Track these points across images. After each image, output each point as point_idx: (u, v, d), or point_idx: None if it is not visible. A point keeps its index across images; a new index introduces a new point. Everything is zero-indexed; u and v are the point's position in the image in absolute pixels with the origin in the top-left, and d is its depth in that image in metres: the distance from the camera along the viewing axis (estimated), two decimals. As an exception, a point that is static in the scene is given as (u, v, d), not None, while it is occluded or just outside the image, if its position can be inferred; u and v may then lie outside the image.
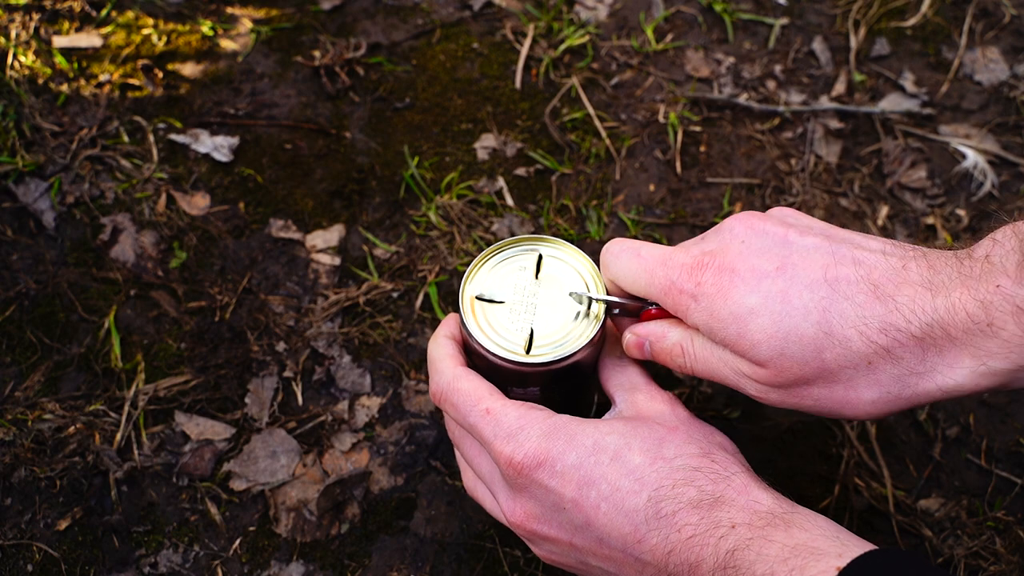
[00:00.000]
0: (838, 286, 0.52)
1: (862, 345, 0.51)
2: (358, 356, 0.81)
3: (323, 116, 0.94)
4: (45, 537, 0.72)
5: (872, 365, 0.51)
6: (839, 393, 0.53)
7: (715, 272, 0.55)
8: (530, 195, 0.90)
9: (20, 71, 0.94)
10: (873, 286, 0.51)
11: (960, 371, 0.50)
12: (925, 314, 0.50)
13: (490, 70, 0.97)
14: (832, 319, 0.51)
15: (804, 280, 0.53)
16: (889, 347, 0.50)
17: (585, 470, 0.53)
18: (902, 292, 0.51)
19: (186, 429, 0.77)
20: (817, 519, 0.51)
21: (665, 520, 0.51)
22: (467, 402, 0.58)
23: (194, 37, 0.99)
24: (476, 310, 0.61)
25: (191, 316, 0.82)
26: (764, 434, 0.79)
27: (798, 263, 0.54)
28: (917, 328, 0.50)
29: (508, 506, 0.57)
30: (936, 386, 0.51)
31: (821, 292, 0.52)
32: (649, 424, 0.56)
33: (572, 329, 0.61)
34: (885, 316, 0.50)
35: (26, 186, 0.87)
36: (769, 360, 0.53)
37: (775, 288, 0.53)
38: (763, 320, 0.52)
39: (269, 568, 0.72)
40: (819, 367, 0.52)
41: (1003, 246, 0.49)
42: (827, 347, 0.51)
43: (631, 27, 1.01)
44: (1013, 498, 0.76)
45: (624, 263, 0.59)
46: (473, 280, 0.62)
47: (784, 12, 1.02)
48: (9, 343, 0.80)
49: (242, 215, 0.88)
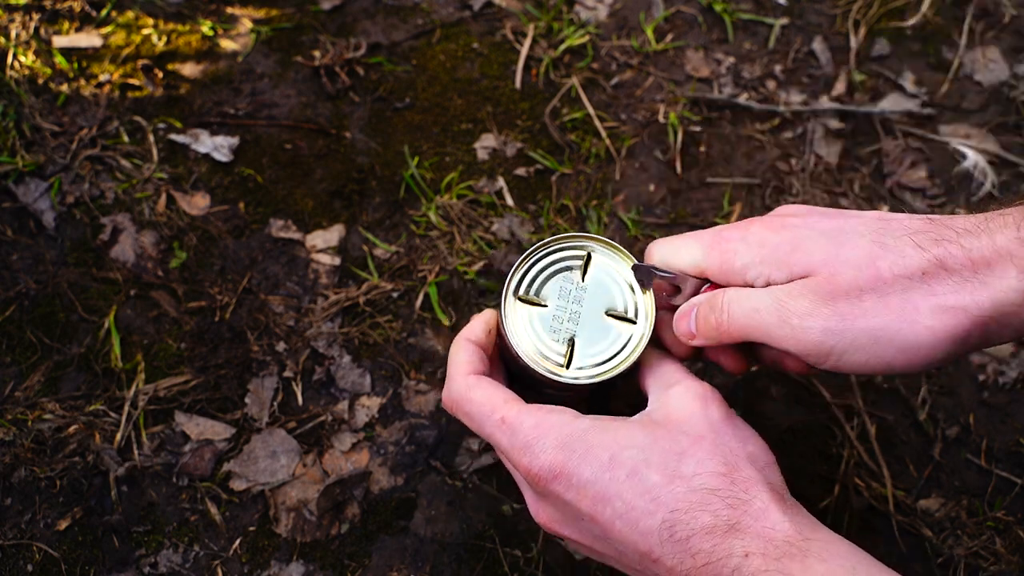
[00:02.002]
0: (892, 220, 0.54)
1: (916, 255, 0.52)
2: (358, 356, 0.81)
3: (323, 116, 0.94)
4: (45, 537, 0.72)
5: (927, 275, 0.51)
6: (895, 305, 0.52)
7: (763, 223, 0.57)
8: (530, 195, 0.90)
9: (20, 71, 0.94)
10: (928, 219, 0.54)
11: (1007, 281, 0.50)
12: (977, 229, 0.51)
13: (490, 70, 0.97)
14: (886, 238, 0.53)
15: (858, 220, 0.55)
16: (942, 257, 0.51)
17: (600, 486, 0.53)
18: (957, 220, 0.53)
19: (186, 429, 0.77)
20: (838, 546, 0.50)
21: (679, 544, 0.50)
22: (481, 413, 0.58)
23: (194, 37, 0.99)
24: (519, 313, 0.59)
25: (191, 316, 0.82)
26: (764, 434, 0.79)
27: (851, 215, 0.56)
28: (968, 242, 0.51)
29: (533, 508, 0.58)
30: (988, 298, 0.50)
31: (875, 224, 0.54)
32: (673, 434, 0.55)
33: (614, 343, 0.59)
34: (939, 232, 0.52)
35: (26, 186, 0.87)
36: (822, 263, 0.53)
37: (826, 224, 0.55)
38: (816, 238, 0.54)
39: (269, 568, 0.72)
40: (873, 274, 0.52)
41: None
42: (880, 256, 0.52)
43: (631, 27, 1.01)
44: (1013, 498, 0.76)
45: (670, 241, 0.61)
46: (518, 276, 0.60)
47: (784, 12, 1.02)
48: (9, 343, 0.80)
49: (242, 215, 0.88)
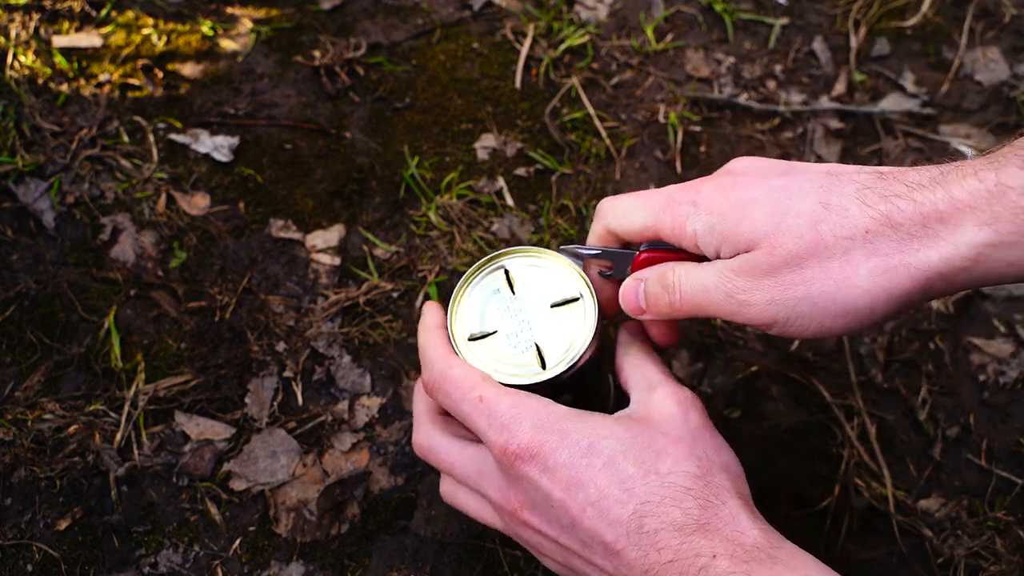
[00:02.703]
0: (840, 175, 0.53)
1: (860, 213, 0.50)
2: (358, 356, 0.81)
3: (323, 116, 0.94)
4: (45, 537, 0.72)
5: (870, 234, 0.50)
6: (834, 270, 0.51)
7: (715, 185, 0.56)
8: (530, 195, 0.90)
9: (20, 71, 0.94)
10: (879, 173, 0.52)
11: (962, 235, 0.48)
12: (931, 182, 0.49)
13: (490, 70, 0.97)
14: (831, 196, 0.51)
15: (807, 176, 0.53)
16: (889, 213, 0.50)
17: (575, 471, 0.53)
18: (908, 174, 0.51)
19: (186, 429, 0.77)
20: (805, 559, 0.50)
21: (647, 537, 0.50)
22: (460, 390, 0.58)
23: (194, 37, 0.99)
24: (477, 351, 0.61)
25: (191, 316, 0.82)
26: (764, 434, 0.79)
27: (801, 169, 0.55)
28: (920, 196, 0.49)
29: (502, 494, 0.57)
30: (938, 255, 0.49)
31: (822, 181, 0.53)
32: (652, 432, 0.55)
33: (573, 324, 0.61)
34: (887, 186, 0.50)
35: (26, 186, 0.87)
36: (764, 236, 0.52)
37: (776, 183, 0.54)
38: (763, 203, 0.53)
39: (269, 568, 0.72)
40: (814, 240, 0.51)
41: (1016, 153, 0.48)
42: (823, 219, 0.51)
43: (631, 27, 1.01)
44: (1013, 498, 0.76)
45: (621, 202, 0.60)
46: (458, 321, 0.62)
47: (784, 12, 1.02)
48: (9, 343, 0.80)
49: (242, 215, 0.88)
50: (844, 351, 0.82)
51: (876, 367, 0.82)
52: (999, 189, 0.47)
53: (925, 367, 0.82)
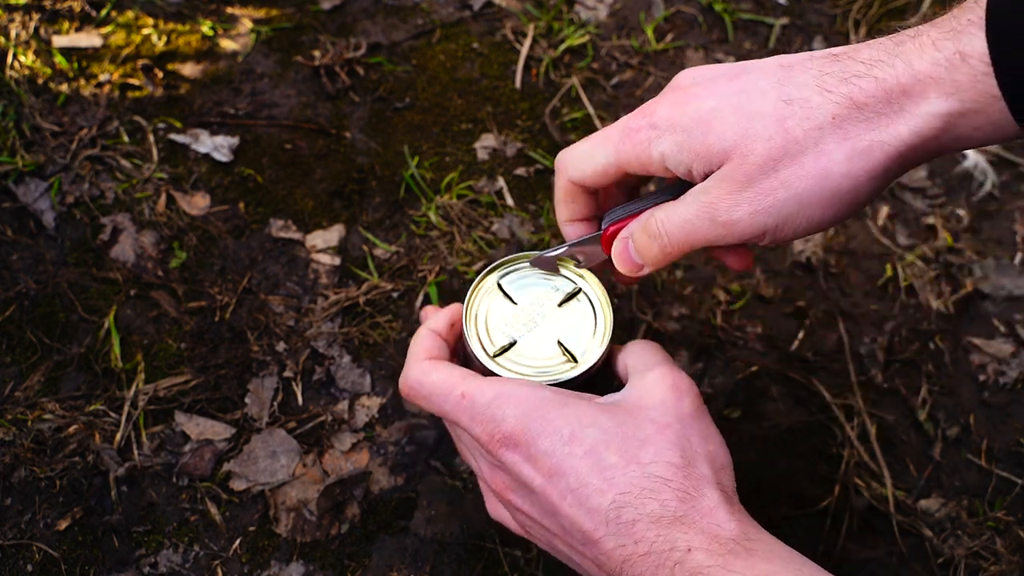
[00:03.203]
0: (794, 66, 0.52)
1: (823, 100, 0.50)
2: (358, 356, 0.81)
3: (323, 116, 0.94)
4: (45, 537, 0.72)
5: (837, 119, 0.50)
6: (810, 164, 0.51)
7: (669, 102, 0.55)
8: (530, 195, 0.90)
9: (20, 71, 0.94)
10: (832, 55, 0.51)
11: (927, 106, 0.48)
12: (889, 56, 0.49)
13: (490, 70, 0.97)
14: (790, 89, 0.51)
15: (760, 73, 0.53)
16: (852, 95, 0.50)
17: (556, 460, 0.53)
18: (862, 51, 0.51)
19: (186, 429, 0.77)
20: (782, 549, 0.50)
21: (624, 527, 0.50)
22: (441, 392, 0.58)
23: (194, 37, 0.99)
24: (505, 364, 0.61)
25: (191, 316, 0.82)
26: (764, 434, 0.79)
27: (752, 67, 0.54)
28: (880, 71, 0.49)
29: (489, 474, 0.57)
30: (908, 128, 0.49)
31: (778, 76, 0.52)
32: (638, 419, 0.55)
33: (587, 314, 0.61)
34: (846, 68, 0.50)
35: (26, 186, 0.87)
36: (734, 145, 0.52)
37: (732, 87, 0.53)
38: (724, 112, 0.52)
39: (269, 568, 0.72)
40: (784, 139, 0.50)
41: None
42: (788, 115, 0.51)
43: (631, 27, 1.01)
44: (1013, 498, 0.76)
45: (578, 148, 0.59)
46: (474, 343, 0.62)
47: (784, 12, 1.02)
48: (9, 343, 0.80)
49: (242, 215, 0.88)
50: (844, 351, 0.82)
51: (876, 367, 0.82)
52: (959, 57, 0.47)
53: (925, 367, 0.82)
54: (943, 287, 0.86)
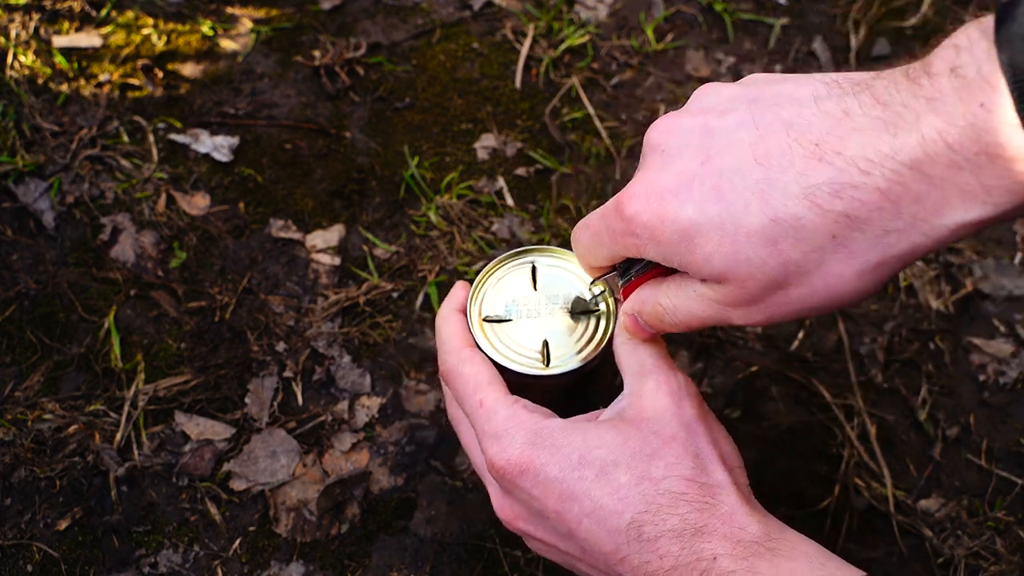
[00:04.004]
0: (771, 160, 0.45)
1: (817, 219, 0.43)
2: (358, 356, 0.81)
3: (323, 116, 0.94)
4: (45, 537, 0.72)
5: (837, 239, 0.44)
6: (818, 284, 0.46)
7: (641, 199, 0.50)
8: (530, 195, 0.90)
9: (20, 71, 0.94)
10: (813, 146, 0.43)
11: (952, 216, 0.41)
12: (888, 160, 0.41)
13: (490, 70, 0.97)
14: (774, 201, 0.44)
15: (733, 167, 0.46)
16: (850, 211, 0.42)
17: (567, 485, 0.52)
18: (850, 143, 0.42)
19: (186, 429, 0.77)
20: (805, 545, 0.50)
21: (647, 544, 0.50)
22: (466, 389, 0.58)
23: (194, 37, 0.99)
24: (489, 332, 0.62)
25: (191, 316, 0.82)
26: (764, 434, 0.79)
27: (723, 150, 0.47)
28: (881, 179, 0.41)
29: (497, 504, 0.57)
30: (925, 237, 0.42)
31: (755, 175, 0.45)
32: (644, 434, 0.54)
33: (584, 332, 0.61)
34: (836, 176, 0.42)
35: (26, 186, 0.87)
36: (727, 271, 0.47)
37: (706, 188, 0.47)
38: (706, 229, 0.47)
39: (269, 568, 0.72)
40: (780, 263, 0.45)
41: (972, 52, 0.39)
42: (780, 236, 0.44)
43: (631, 27, 1.01)
44: (1013, 498, 0.76)
45: (584, 242, 0.57)
46: (477, 302, 0.63)
47: (784, 12, 1.02)
48: (9, 343, 0.80)
49: (242, 215, 0.88)
50: (844, 351, 0.82)
51: (876, 367, 0.82)
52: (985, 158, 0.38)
53: (925, 367, 0.82)
54: (943, 287, 0.86)
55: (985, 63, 0.38)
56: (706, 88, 0.52)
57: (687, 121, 0.50)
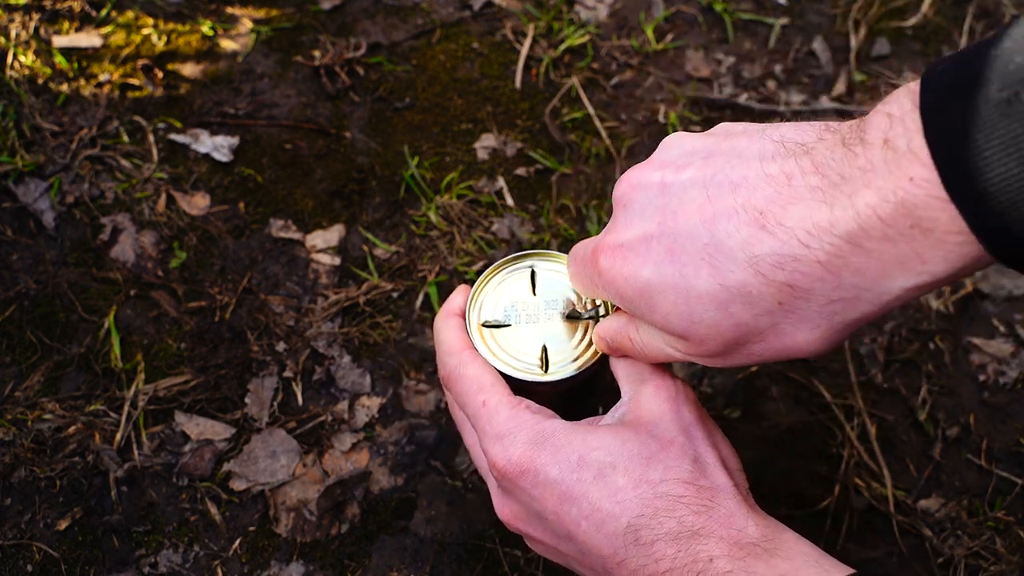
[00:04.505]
0: (717, 225, 0.46)
1: (763, 288, 0.44)
2: (358, 356, 0.81)
3: (323, 116, 0.94)
4: (45, 537, 0.72)
5: (784, 305, 0.45)
6: (774, 342, 0.47)
7: (608, 253, 0.52)
8: (530, 195, 0.90)
9: (20, 71, 0.94)
10: (757, 212, 0.44)
11: (891, 286, 0.42)
12: (826, 234, 0.42)
13: (490, 70, 0.97)
14: (722, 267, 0.46)
15: (685, 229, 0.47)
16: (792, 282, 0.44)
17: (566, 486, 0.52)
18: (791, 213, 0.43)
19: (186, 429, 0.77)
20: (801, 545, 0.50)
21: (643, 548, 0.50)
22: (468, 390, 0.58)
23: (194, 37, 0.99)
24: (487, 337, 0.62)
25: (191, 316, 0.82)
26: (764, 434, 0.79)
27: (677, 210, 0.48)
28: (820, 252, 0.42)
29: (497, 504, 0.57)
30: (870, 305, 0.44)
31: (704, 238, 0.46)
32: (642, 437, 0.54)
33: (584, 339, 0.61)
34: (778, 248, 0.43)
35: (26, 186, 0.87)
36: (686, 331, 0.49)
37: (662, 249, 0.48)
38: (663, 290, 0.48)
39: (269, 568, 0.72)
40: (734, 325, 0.47)
41: (904, 124, 0.39)
42: (728, 300, 0.46)
43: (631, 27, 1.01)
44: (1013, 498, 0.76)
45: (571, 273, 0.59)
46: (476, 307, 0.63)
47: (784, 12, 1.02)
48: (9, 343, 0.80)
49: (242, 215, 0.88)
50: (844, 351, 0.82)
51: (876, 367, 0.82)
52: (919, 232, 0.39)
53: (925, 367, 0.82)
54: (943, 287, 0.86)
55: (915, 135, 0.39)
56: (671, 139, 0.53)
57: (648, 176, 0.52)
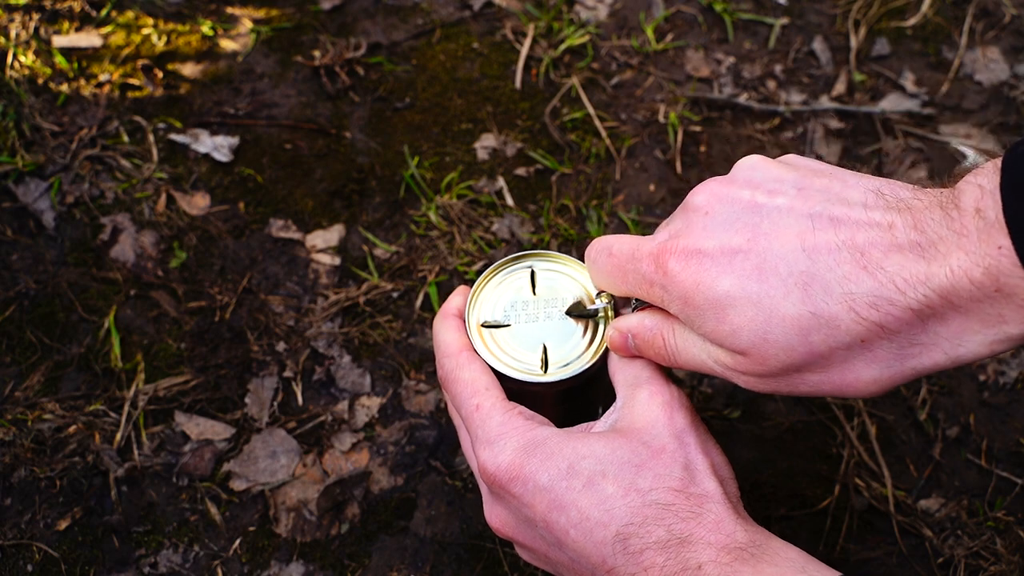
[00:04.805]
0: (818, 256, 0.47)
1: (852, 323, 0.46)
2: (358, 356, 0.81)
3: (323, 116, 0.94)
4: (45, 537, 0.72)
5: (866, 343, 0.47)
6: (835, 377, 0.49)
7: (681, 257, 0.51)
8: (530, 195, 0.90)
9: (20, 71, 0.94)
10: (859, 253, 0.46)
11: (971, 339, 0.45)
12: (921, 285, 0.44)
13: (490, 70, 0.97)
14: (816, 296, 0.47)
15: (779, 252, 0.48)
16: (883, 323, 0.45)
17: (556, 494, 0.52)
18: (891, 260, 0.45)
19: (186, 429, 0.77)
20: (789, 551, 0.50)
21: (633, 557, 0.50)
22: (463, 393, 0.58)
23: (194, 37, 0.99)
24: (488, 338, 0.61)
25: (191, 316, 0.82)
26: (764, 434, 0.79)
27: (770, 232, 0.49)
28: (914, 300, 0.44)
29: (487, 510, 0.57)
30: (944, 355, 0.46)
31: (800, 265, 0.47)
32: (633, 444, 0.54)
33: (583, 338, 0.61)
34: (876, 289, 0.45)
35: (26, 186, 0.87)
36: (752, 347, 0.49)
37: (748, 265, 0.49)
38: (741, 304, 0.48)
39: (269, 568, 0.72)
40: (807, 352, 0.48)
41: (994, 197, 0.42)
42: (813, 328, 0.47)
43: (631, 27, 1.01)
44: (1013, 498, 0.76)
45: (601, 266, 0.58)
46: (475, 308, 0.62)
47: (784, 12, 1.02)
48: (9, 343, 0.80)
49: (242, 215, 0.88)
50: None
51: (876, 367, 0.82)
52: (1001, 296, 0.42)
53: (925, 367, 0.82)
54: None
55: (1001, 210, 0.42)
56: (751, 161, 0.54)
57: (735, 192, 0.52)
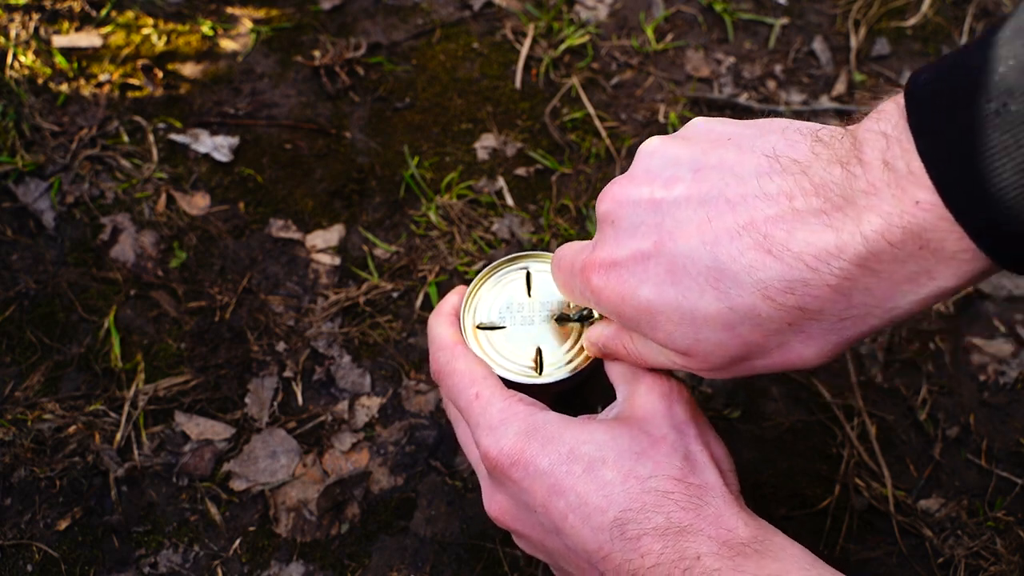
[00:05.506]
0: (720, 248, 0.45)
1: (772, 311, 0.45)
2: (358, 356, 0.81)
3: (323, 116, 0.94)
4: (45, 537, 0.72)
5: (794, 326, 0.45)
6: (778, 359, 0.48)
7: (601, 271, 0.51)
8: (530, 195, 0.90)
9: (20, 71, 0.94)
10: (760, 235, 0.44)
11: (902, 300, 0.43)
12: (834, 259, 0.42)
13: (490, 70, 0.97)
14: (728, 290, 0.45)
15: (684, 251, 0.47)
16: (803, 305, 0.44)
17: (555, 478, 0.52)
18: (795, 237, 0.43)
19: (186, 429, 0.77)
20: (792, 548, 0.50)
21: (630, 543, 0.50)
22: (460, 384, 0.58)
23: (194, 37, 0.99)
24: (483, 339, 0.61)
25: (191, 316, 0.82)
26: (764, 434, 0.79)
27: (673, 229, 0.48)
28: (830, 276, 0.42)
29: (487, 499, 0.57)
30: (879, 320, 0.44)
31: (705, 261, 0.46)
32: (634, 432, 0.54)
33: (577, 341, 0.61)
34: (785, 273, 0.43)
35: (26, 186, 0.87)
36: (689, 349, 0.49)
37: (661, 270, 0.48)
38: (665, 310, 0.48)
39: (269, 568, 0.72)
40: (741, 344, 0.47)
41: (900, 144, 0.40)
42: (736, 323, 0.46)
43: (631, 27, 1.01)
44: (1013, 498, 0.76)
45: (555, 278, 0.58)
46: (471, 309, 0.63)
47: (784, 12, 1.02)
48: (9, 343, 0.80)
49: (242, 215, 0.88)
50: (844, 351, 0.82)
51: (876, 367, 0.82)
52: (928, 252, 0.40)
53: (925, 367, 0.82)
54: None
55: (913, 158, 0.39)
56: (650, 146, 0.52)
57: (634, 192, 0.51)
